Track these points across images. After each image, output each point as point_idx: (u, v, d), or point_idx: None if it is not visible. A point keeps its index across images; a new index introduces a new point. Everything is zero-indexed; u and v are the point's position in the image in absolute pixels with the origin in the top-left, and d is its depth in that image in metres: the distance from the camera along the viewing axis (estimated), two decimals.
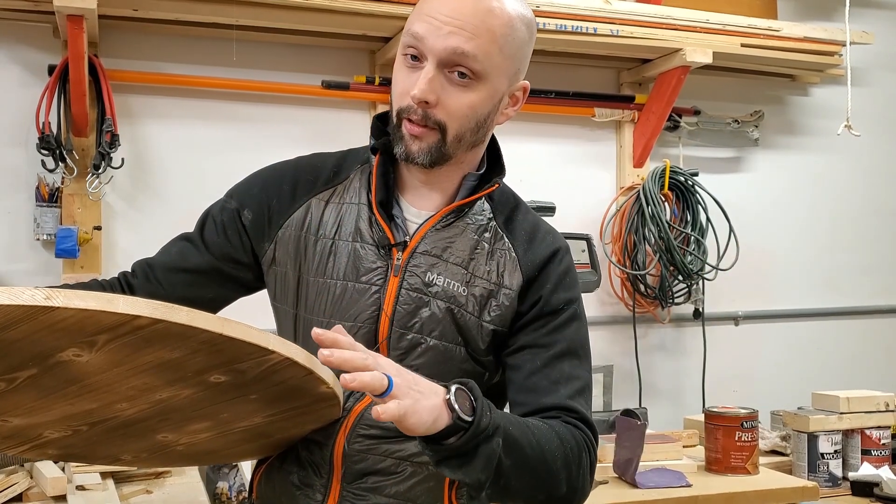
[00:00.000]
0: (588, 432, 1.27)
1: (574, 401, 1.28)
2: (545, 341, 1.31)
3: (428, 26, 1.23)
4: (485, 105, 1.27)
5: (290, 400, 1.15)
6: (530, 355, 1.31)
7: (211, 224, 1.38)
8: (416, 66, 1.25)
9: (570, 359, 1.31)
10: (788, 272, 3.26)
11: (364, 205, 1.33)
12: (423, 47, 1.23)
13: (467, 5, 1.23)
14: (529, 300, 1.33)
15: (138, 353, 0.96)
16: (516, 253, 1.34)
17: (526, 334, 1.32)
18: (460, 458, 1.08)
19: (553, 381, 1.29)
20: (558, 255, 1.35)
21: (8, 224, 2.39)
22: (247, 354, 1.00)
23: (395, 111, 1.28)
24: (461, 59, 1.22)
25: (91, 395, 1.05)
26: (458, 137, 1.27)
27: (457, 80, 1.24)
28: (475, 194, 1.34)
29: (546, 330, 1.32)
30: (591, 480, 1.28)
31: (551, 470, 1.20)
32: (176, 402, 1.10)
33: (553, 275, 1.34)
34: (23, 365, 0.97)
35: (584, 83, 2.95)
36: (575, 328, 1.34)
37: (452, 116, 1.25)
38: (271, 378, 1.07)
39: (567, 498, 1.24)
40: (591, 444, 1.27)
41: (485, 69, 1.24)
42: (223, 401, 1.12)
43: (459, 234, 1.32)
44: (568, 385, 1.29)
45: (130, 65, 2.48)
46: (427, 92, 1.22)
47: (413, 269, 1.29)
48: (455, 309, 1.29)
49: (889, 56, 3.40)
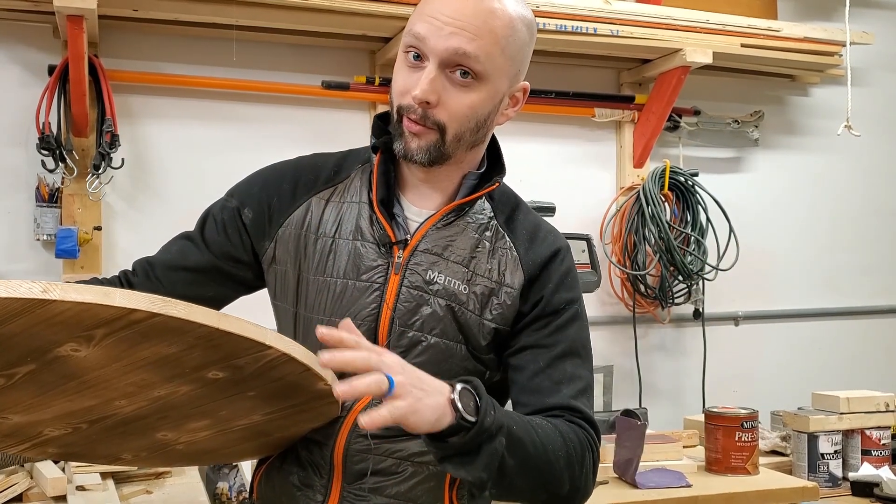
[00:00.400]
0: (591, 432, 1.28)
1: (577, 401, 1.29)
2: (547, 342, 1.32)
3: (430, 27, 1.23)
4: (485, 105, 1.28)
5: (288, 397, 1.15)
6: (532, 356, 1.32)
7: (211, 223, 1.39)
8: (418, 66, 1.25)
9: (572, 359, 1.32)
10: (788, 272, 3.26)
11: (365, 203, 1.33)
12: (425, 47, 1.23)
13: (469, 6, 1.23)
14: (531, 300, 1.33)
15: (136, 347, 0.96)
16: (518, 251, 1.34)
17: (528, 335, 1.33)
18: (463, 457, 1.09)
19: (556, 381, 1.29)
20: (560, 255, 1.36)
21: (8, 224, 2.39)
22: (244, 350, 1.00)
23: (395, 108, 1.28)
24: (462, 60, 1.23)
25: (90, 391, 1.05)
26: (458, 137, 1.27)
27: (458, 80, 1.24)
28: (475, 193, 1.34)
29: (548, 330, 1.32)
30: (594, 480, 1.29)
31: (554, 469, 1.21)
32: (174, 400, 1.10)
33: (555, 274, 1.34)
34: (21, 360, 0.97)
35: (584, 83, 2.95)
36: (577, 328, 1.34)
37: (453, 117, 1.25)
38: (269, 374, 1.07)
39: (570, 497, 1.24)
40: (594, 443, 1.28)
41: (486, 70, 1.24)
42: (222, 398, 1.11)
43: (460, 233, 1.33)
44: (570, 385, 1.30)
45: (130, 65, 2.48)
46: (428, 92, 1.22)
47: (414, 267, 1.29)
48: (456, 307, 1.29)
49: (889, 56, 3.40)
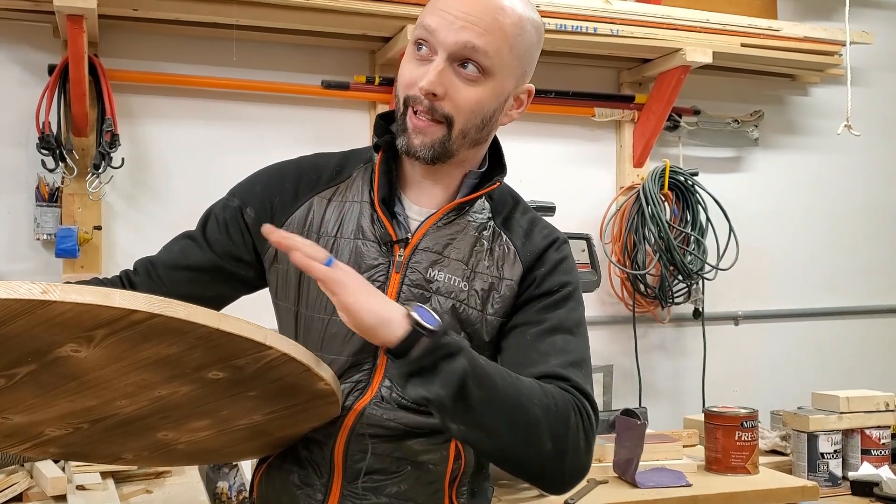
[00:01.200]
0: (581, 398, 1.20)
1: (567, 370, 1.23)
2: (536, 318, 1.30)
3: (440, 20, 1.24)
4: (491, 102, 1.29)
5: (288, 397, 1.15)
6: (520, 332, 1.30)
7: (213, 222, 1.39)
8: (426, 59, 1.26)
9: (562, 334, 1.27)
10: (788, 272, 3.26)
11: (367, 202, 1.34)
12: (435, 40, 1.24)
13: (480, 2, 1.25)
14: (525, 284, 1.33)
15: (136, 348, 0.96)
16: (514, 245, 1.35)
17: (518, 316, 1.32)
18: (423, 373, 1.09)
19: (543, 353, 1.25)
20: (556, 244, 1.36)
21: (8, 224, 2.39)
22: (244, 350, 1.00)
23: (402, 100, 1.28)
24: (471, 54, 1.24)
25: (90, 391, 1.05)
26: (463, 133, 1.28)
27: (466, 74, 1.25)
28: (476, 192, 1.35)
29: (537, 308, 1.30)
30: (588, 450, 1.20)
31: (529, 416, 1.14)
32: (175, 400, 1.10)
33: (549, 260, 1.34)
34: (21, 360, 0.97)
35: (584, 83, 2.95)
36: (569, 308, 1.31)
37: (459, 110, 1.26)
38: (269, 374, 1.07)
39: (556, 460, 1.17)
40: (583, 408, 1.20)
41: (493, 65, 1.26)
42: (222, 398, 1.12)
43: (460, 232, 1.33)
44: (560, 356, 1.24)
45: (130, 65, 2.48)
46: (435, 84, 1.23)
47: (415, 265, 1.30)
48: (457, 304, 1.30)
49: (889, 56, 3.40)
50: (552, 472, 1.18)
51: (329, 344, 1.29)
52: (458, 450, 1.33)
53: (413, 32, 1.29)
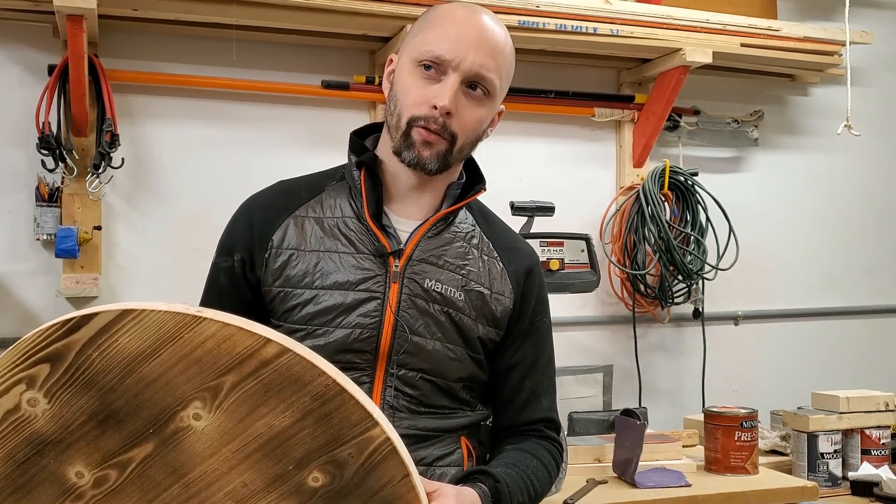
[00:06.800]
0: (560, 443, 1.50)
1: (553, 411, 1.50)
2: (531, 358, 1.47)
3: (456, 45, 1.31)
4: (486, 121, 1.39)
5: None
6: (519, 373, 1.46)
7: (219, 290, 1.42)
8: (433, 78, 1.32)
9: (547, 370, 1.50)
10: (788, 272, 3.26)
11: (350, 217, 1.38)
12: (448, 64, 1.31)
13: (487, 31, 1.34)
14: (517, 314, 1.44)
15: (254, 413, 0.91)
16: (502, 262, 1.45)
17: (513, 350, 1.45)
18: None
19: (536, 395, 1.47)
20: (535, 269, 1.49)
21: (8, 224, 2.39)
22: (351, 426, 0.91)
23: (407, 119, 1.33)
24: (480, 79, 1.33)
25: (191, 501, 0.96)
26: (462, 148, 1.36)
27: (473, 95, 1.34)
28: (459, 202, 1.42)
29: (529, 345, 1.47)
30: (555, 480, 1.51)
31: (539, 498, 1.41)
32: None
33: (534, 291, 1.47)
34: (143, 431, 0.91)
35: (583, 83, 2.95)
36: (550, 340, 1.52)
37: (464, 128, 1.34)
38: (368, 481, 0.93)
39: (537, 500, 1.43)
40: (560, 453, 1.50)
41: (495, 88, 1.36)
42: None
43: (451, 242, 1.40)
44: (548, 395, 1.50)
45: (130, 65, 2.48)
46: (453, 104, 1.31)
47: (411, 275, 1.35)
48: (453, 312, 1.36)
49: (889, 56, 3.40)
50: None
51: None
52: (468, 449, 1.41)
53: (418, 52, 1.34)
